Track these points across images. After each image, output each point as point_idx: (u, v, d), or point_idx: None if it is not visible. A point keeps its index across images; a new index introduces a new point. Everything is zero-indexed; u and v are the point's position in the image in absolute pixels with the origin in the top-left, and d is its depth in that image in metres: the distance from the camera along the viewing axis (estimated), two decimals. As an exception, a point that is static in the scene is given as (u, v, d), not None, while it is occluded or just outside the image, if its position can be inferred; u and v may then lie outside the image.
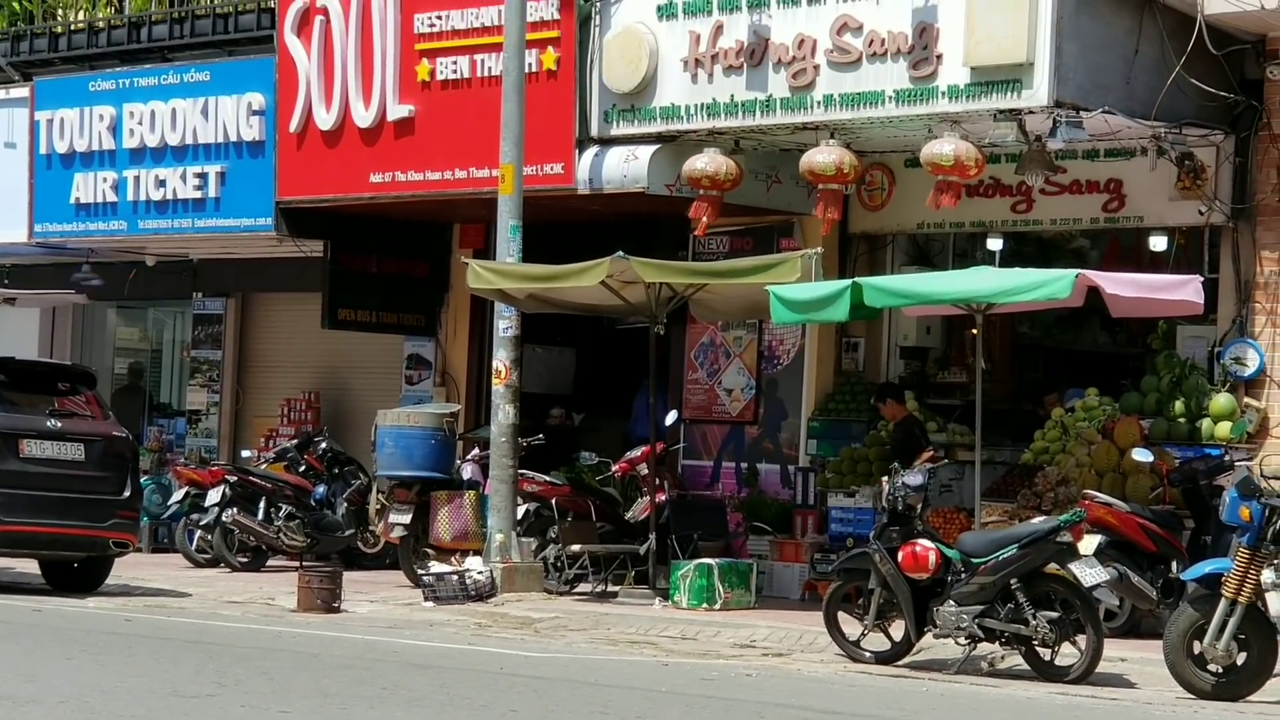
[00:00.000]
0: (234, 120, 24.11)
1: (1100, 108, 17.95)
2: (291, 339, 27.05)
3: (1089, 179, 19.97)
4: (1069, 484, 18.33)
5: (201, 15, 25.15)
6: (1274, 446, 17.99)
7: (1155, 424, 18.70)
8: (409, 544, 21.64)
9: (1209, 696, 13.92)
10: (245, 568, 23.24)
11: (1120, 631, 16.91)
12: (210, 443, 27.50)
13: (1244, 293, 18.86)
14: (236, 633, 16.71)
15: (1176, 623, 14.24)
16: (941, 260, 21.58)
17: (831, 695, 13.63)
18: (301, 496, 23.46)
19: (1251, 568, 13.81)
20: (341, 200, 23.24)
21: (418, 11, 22.14)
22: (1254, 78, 18.73)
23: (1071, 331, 22.68)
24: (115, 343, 30.24)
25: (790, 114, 19.39)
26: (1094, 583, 15.11)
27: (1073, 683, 14.70)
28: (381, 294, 24.85)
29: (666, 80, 20.16)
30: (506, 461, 20.30)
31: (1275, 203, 18.50)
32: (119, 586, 20.55)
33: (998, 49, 17.86)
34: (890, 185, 21.27)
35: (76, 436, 20.00)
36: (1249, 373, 18.67)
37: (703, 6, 19.92)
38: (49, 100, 26.06)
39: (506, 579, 19.84)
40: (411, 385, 25.44)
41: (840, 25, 18.94)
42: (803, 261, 18.43)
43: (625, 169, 20.43)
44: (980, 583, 15.16)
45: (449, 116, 21.91)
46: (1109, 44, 18.07)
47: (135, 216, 25.22)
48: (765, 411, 22.32)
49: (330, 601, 19.00)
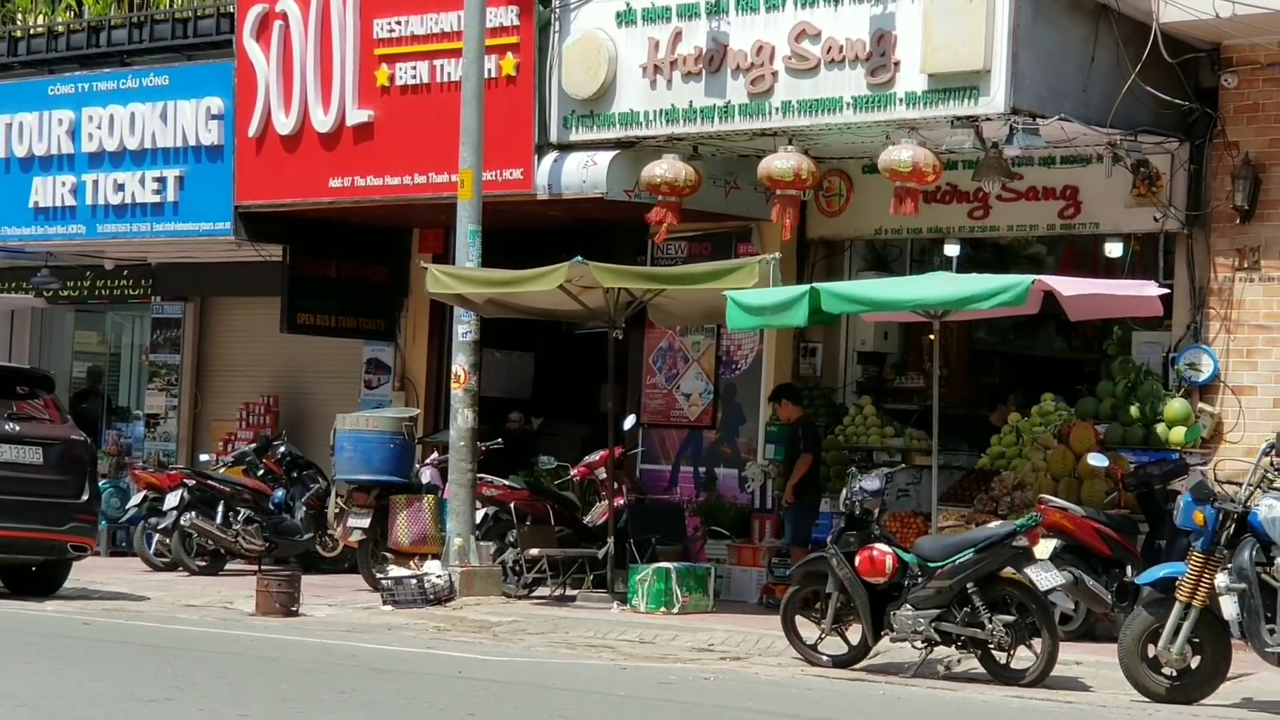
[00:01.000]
0: (193, 124, 24.08)
1: (1056, 115, 18.00)
2: (250, 343, 27.01)
3: (1045, 185, 20.03)
4: (1025, 489, 18.38)
5: (160, 20, 25.09)
6: (1228, 451, 18.06)
7: (1110, 429, 18.76)
8: (368, 548, 21.62)
9: (1163, 700, 13.96)
10: (203, 571, 23.20)
11: (1075, 635, 16.96)
12: (169, 446, 27.46)
13: (1198, 299, 18.93)
14: (195, 636, 16.68)
15: (1131, 626, 14.29)
16: (899, 265, 21.63)
17: (789, 699, 13.65)
18: (260, 500, 23.44)
19: (1205, 572, 13.85)
20: (300, 205, 23.23)
21: (377, 16, 22.13)
22: (1209, 86, 18.80)
23: (1028, 337, 22.73)
24: (74, 347, 30.19)
25: (749, 120, 19.41)
26: (1049, 586, 15.16)
27: (1028, 686, 14.74)
28: (341, 298, 24.82)
29: (625, 86, 20.17)
30: (465, 466, 20.31)
31: (1229, 210, 18.57)
32: (77, 590, 20.49)
33: (955, 56, 17.90)
34: (848, 191, 21.33)
35: (34, 440, 19.94)
36: (1203, 378, 18.74)
37: (662, 13, 19.93)
38: (8, 104, 26.00)
39: (465, 583, 19.84)
40: (370, 389, 25.42)
41: (798, 32, 18.97)
42: (760, 267, 18.45)
43: (584, 175, 20.44)
44: (937, 587, 15.19)
45: (408, 122, 21.89)
46: (1065, 52, 18.12)
47: (94, 220, 25.17)
48: (723, 416, 22.34)
49: (289, 605, 18.98)
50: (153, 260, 27.09)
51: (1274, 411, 18.31)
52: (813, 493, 20.27)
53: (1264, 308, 18.49)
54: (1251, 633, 13.62)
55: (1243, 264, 18.59)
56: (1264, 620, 13.52)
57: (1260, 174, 18.46)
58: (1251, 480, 14.01)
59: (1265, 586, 13.57)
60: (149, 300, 27.98)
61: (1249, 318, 18.57)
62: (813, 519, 20.14)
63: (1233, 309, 18.63)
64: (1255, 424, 18.23)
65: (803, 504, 20.23)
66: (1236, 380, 18.60)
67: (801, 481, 20.17)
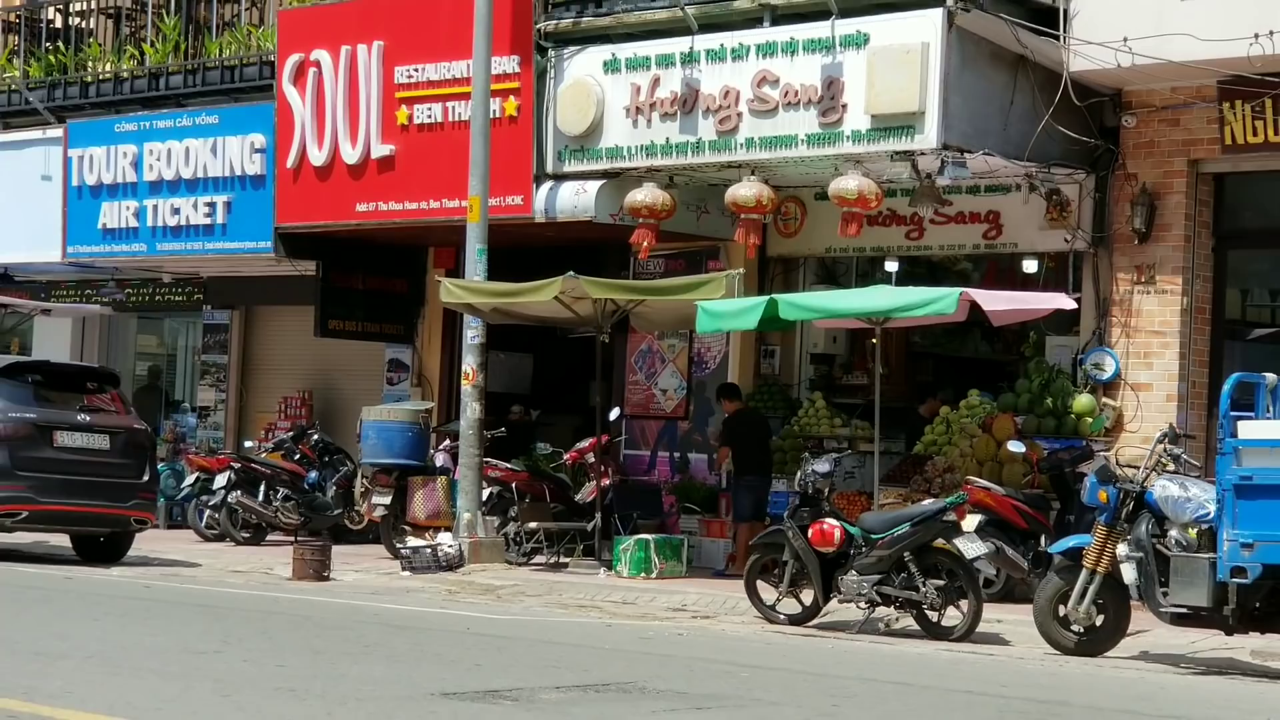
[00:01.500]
0: (239, 157, 24.02)
1: (981, 150, 18.01)
2: (288, 345, 26.95)
3: (971, 211, 20.03)
4: (954, 471, 18.38)
5: (211, 67, 25.04)
6: (1128, 439, 18.05)
7: (1027, 420, 18.77)
8: (389, 522, 21.58)
9: (1072, 653, 13.98)
10: (247, 542, 23.15)
11: (997, 597, 16.96)
12: (217, 434, 27.38)
13: (1102, 308, 18.94)
14: (240, 598, 16.65)
15: (1044, 590, 14.30)
16: (846, 280, 21.62)
17: (751, 652, 13.64)
18: (296, 481, 23.37)
19: (1108, 542, 13.86)
20: (331, 226, 23.17)
21: (398, 64, 22.10)
22: (1111, 125, 18.81)
23: (957, 341, 22.74)
24: (136, 348, 30.09)
25: (717, 154, 19.39)
26: (974, 555, 15.17)
27: (956, 641, 14.75)
28: (366, 307, 24.78)
29: (611, 125, 20.15)
30: (473, 451, 20.28)
31: (1129, 232, 18.57)
32: (139, 558, 20.46)
33: (894, 100, 17.90)
34: (802, 215, 21.31)
35: (103, 429, 19.92)
36: (1106, 376, 18.76)
37: (642, 62, 19.91)
38: (80, 140, 25.94)
39: (473, 552, 19.81)
40: (391, 385, 25.37)
41: (760, 79, 18.96)
42: (727, 280, 18.46)
43: (576, 201, 20.41)
44: (878, 555, 15.20)
45: (424, 155, 21.86)
46: (988, 96, 18.13)
47: (154, 240, 25.11)
48: (695, 409, 22.31)
49: (321, 571, 18.94)
50: (204, 274, 27.02)
51: (1167, 405, 18.32)
52: (751, 475, 20.09)
53: (1158, 316, 18.50)
54: (1148, 595, 13.64)
55: (1140, 279, 18.59)
56: (1158, 584, 13.52)
57: (1155, 202, 18.46)
58: (1148, 464, 14.02)
59: (1159, 555, 13.58)
60: (201, 308, 27.91)
61: (1146, 325, 18.58)
62: (750, 497, 19.97)
63: (1132, 317, 18.63)
64: (1151, 416, 18.24)
65: (740, 484, 20.18)
66: (1135, 378, 18.61)
67: (739, 466, 20.10)
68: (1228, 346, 18.72)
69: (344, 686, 10.33)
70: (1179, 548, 13.48)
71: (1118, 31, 17.45)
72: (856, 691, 10.84)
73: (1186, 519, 13.51)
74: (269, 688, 10.17)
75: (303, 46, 23.04)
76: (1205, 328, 18.61)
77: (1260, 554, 12.92)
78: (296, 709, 9.43)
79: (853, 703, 10.51)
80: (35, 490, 19.18)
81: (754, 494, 20.02)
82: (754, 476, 20.08)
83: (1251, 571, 12.96)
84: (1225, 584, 13.12)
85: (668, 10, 19.79)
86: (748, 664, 12.61)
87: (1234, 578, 13.04)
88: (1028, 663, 13.65)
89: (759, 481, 20.12)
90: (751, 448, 20.10)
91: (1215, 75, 17.55)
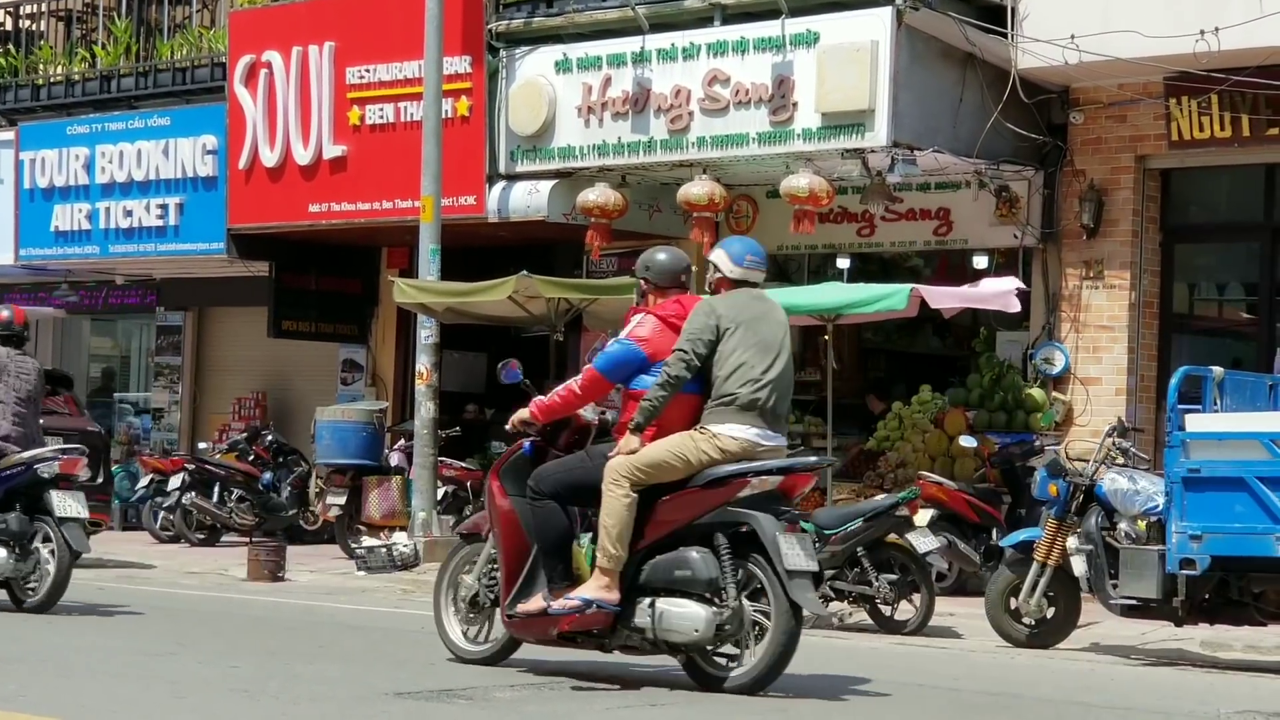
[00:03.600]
0: (191, 159, 23.93)
1: (931, 147, 18.06)
2: (242, 346, 26.88)
3: (922, 207, 20.09)
4: (906, 466, 18.44)
5: (163, 69, 24.93)
6: (1077, 433, 18.15)
7: (978, 415, 18.82)
8: (344, 522, 21.52)
9: (1024, 645, 14.03)
10: (202, 543, 23.07)
11: (949, 590, 17.01)
12: (172, 436, 27.30)
13: (1052, 303, 19.02)
14: (195, 599, 16.60)
15: (996, 583, 14.35)
16: (798, 277, 21.65)
17: (705, 647, 13.61)
18: (251, 481, 23.31)
19: (1058, 535, 13.92)
20: (284, 227, 23.11)
21: (349, 65, 22.05)
22: (1059, 122, 18.90)
23: (908, 337, 22.79)
24: (90, 350, 29.98)
25: (669, 153, 19.41)
26: (927, 549, 15.21)
27: (910, 634, 14.78)
28: (319, 307, 24.74)
29: (563, 125, 20.15)
30: (428, 450, 20.25)
31: (1078, 228, 18.66)
32: (93, 560, 20.27)
33: (844, 98, 17.94)
34: (754, 213, 21.34)
35: (56, 431, 19.74)
36: (1056, 371, 18.83)
37: (594, 62, 19.91)
38: (32, 142, 25.81)
39: (428, 551, 19.77)
40: (346, 385, 25.33)
41: (711, 78, 18.98)
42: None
43: (528, 201, 20.41)
44: (832, 550, 15.18)
45: (377, 155, 21.82)
46: (938, 94, 18.18)
47: (106, 242, 25.00)
48: (649, 406, 22.27)
49: (276, 572, 18.90)
50: (157, 275, 26.91)
51: (1116, 399, 18.40)
52: None
53: (1107, 311, 18.59)
54: (1098, 587, 13.69)
55: (1089, 274, 18.68)
56: (1108, 576, 13.57)
57: (1103, 198, 18.55)
58: (1097, 458, 14.07)
59: (1109, 548, 13.63)
60: (154, 310, 27.82)
61: (1094, 319, 18.67)
62: None
63: (1080, 312, 18.72)
64: (1100, 410, 18.32)
65: None
66: (1085, 373, 18.70)
67: None
68: (1175, 340, 18.82)
69: (298, 687, 10.31)
70: (1128, 540, 13.54)
71: (1065, 29, 17.53)
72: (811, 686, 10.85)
73: (1135, 511, 13.57)
74: (224, 688, 10.14)
75: (254, 47, 22.97)
76: (1153, 322, 18.71)
77: (1208, 546, 12.98)
78: (251, 710, 9.40)
79: (806, 697, 10.51)
80: (-12, 493, 19.03)
81: None
82: None
83: (1200, 563, 13.02)
84: (1174, 576, 13.17)
85: (619, 10, 19.80)
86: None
87: (1183, 569, 13.09)
88: (980, 655, 13.70)
89: None
90: None
91: (1161, 72, 17.65)
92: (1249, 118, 17.34)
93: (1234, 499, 12.91)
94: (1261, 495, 12.80)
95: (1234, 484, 12.92)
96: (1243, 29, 16.56)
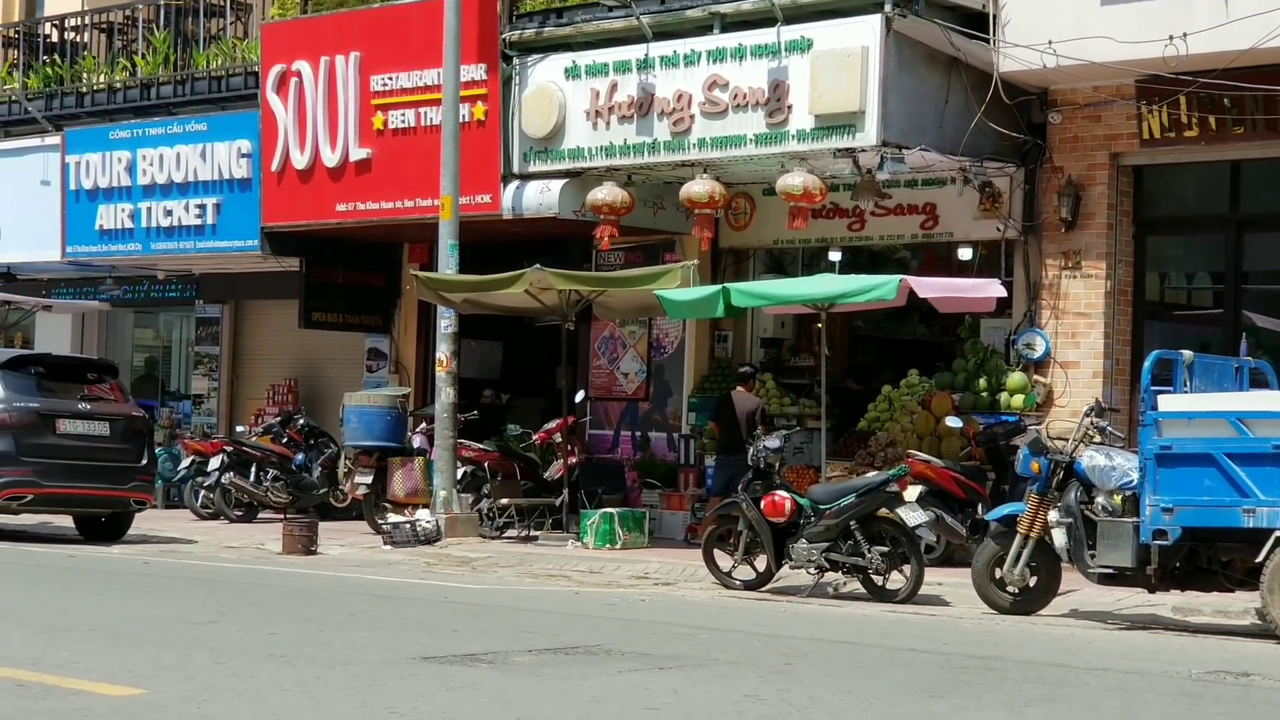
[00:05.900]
0: (226, 162, 23.95)
1: (918, 146, 18.03)
2: (275, 337, 26.89)
3: (909, 203, 20.06)
4: (896, 445, 18.42)
5: (200, 78, 24.95)
6: (1058, 414, 18.11)
7: (964, 397, 18.82)
8: (371, 499, 21.54)
9: (1008, 612, 14.02)
10: (240, 520, 23.10)
11: (937, 561, 17.00)
12: (211, 420, 27.32)
13: (1033, 292, 18.98)
14: (234, 571, 16.60)
15: (981, 554, 14.34)
16: (793, 269, 21.64)
17: (709, 615, 13.65)
18: (285, 462, 23.32)
19: (1040, 509, 13.92)
20: (313, 225, 23.11)
21: (373, 73, 22.04)
22: (1039, 122, 18.85)
23: (897, 324, 22.78)
24: (133, 341, 30.00)
25: (671, 154, 19.39)
26: (916, 523, 15.21)
27: (900, 603, 14.78)
28: (346, 300, 24.74)
29: (573, 128, 20.13)
30: (448, 433, 20.25)
31: (1057, 221, 18.63)
32: (138, 536, 20.40)
33: (836, 101, 17.91)
34: (752, 210, 21.32)
35: (103, 416, 19.84)
36: (1037, 355, 18.80)
37: (601, 69, 19.90)
38: (77, 146, 25.82)
39: (449, 527, 19.79)
40: (371, 373, 25.33)
41: (711, 83, 18.96)
42: (683, 271, 18.47)
43: (541, 199, 20.39)
44: (826, 524, 15.22)
45: (399, 158, 21.81)
46: (924, 96, 18.15)
47: (148, 240, 25.02)
48: (654, 390, 22.33)
49: (309, 546, 18.91)
50: (196, 271, 26.92)
51: (1094, 382, 18.38)
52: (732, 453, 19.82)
53: (1084, 299, 18.56)
54: (1077, 557, 13.69)
55: (1067, 264, 18.65)
56: (1086, 547, 13.58)
57: (1080, 193, 18.52)
58: (1076, 436, 14.07)
59: (1087, 520, 13.63)
60: (194, 303, 27.83)
61: (1073, 307, 18.63)
62: (725, 475, 19.65)
63: (1060, 300, 18.68)
64: (1079, 392, 18.30)
65: (719, 461, 20.09)
66: (1064, 357, 18.67)
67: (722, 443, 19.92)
68: (1148, 326, 18.79)
69: (332, 652, 10.32)
70: (1105, 513, 13.54)
71: (1043, 35, 17.49)
72: (807, 651, 10.86)
73: (1112, 486, 13.57)
74: (262, 654, 10.14)
75: (284, 58, 22.96)
76: (1128, 309, 18.69)
77: (1179, 518, 13.01)
78: (288, 673, 9.40)
79: (804, 661, 10.52)
80: (40, 475, 19.10)
81: (728, 471, 19.92)
82: (732, 455, 19.97)
83: (1171, 534, 13.05)
84: (1148, 546, 13.19)
85: (624, 20, 19.77)
86: (706, 627, 12.61)
87: (1155, 540, 13.12)
88: (966, 622, 13.69)
89: (736, 460, 20.03)
90: (735, 427, 20.04)
91: (1133, 75, 17.61)
92: (1215, 118, 17.31)
93: (1203, 474, 12.95)
94: (1229, 470, 12.84)
95: (1203, 460, 12.95)
96: (1209, 34, 16.54)
